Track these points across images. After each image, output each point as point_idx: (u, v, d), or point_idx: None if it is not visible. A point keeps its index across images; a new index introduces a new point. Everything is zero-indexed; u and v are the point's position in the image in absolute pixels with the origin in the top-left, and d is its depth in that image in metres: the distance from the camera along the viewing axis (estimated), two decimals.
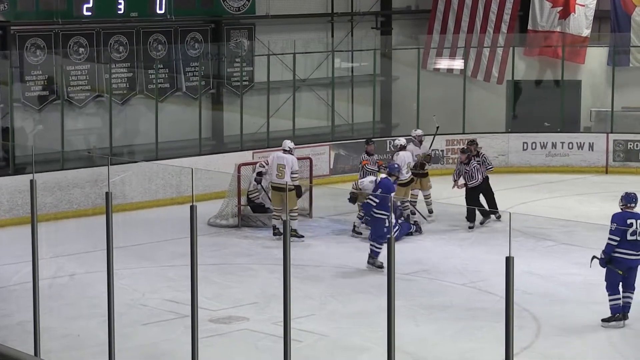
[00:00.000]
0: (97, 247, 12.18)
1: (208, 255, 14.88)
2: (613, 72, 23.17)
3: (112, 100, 20.02)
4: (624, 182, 21.25)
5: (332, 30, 23.88)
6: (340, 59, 23.77)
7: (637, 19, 23.83)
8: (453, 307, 12.76)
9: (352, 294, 13.37)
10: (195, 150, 20.47)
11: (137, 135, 20.93)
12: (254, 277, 14.27)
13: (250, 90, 22.27)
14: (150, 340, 11.52)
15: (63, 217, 17.99)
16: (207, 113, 21.79)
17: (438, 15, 24.48)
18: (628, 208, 12.06)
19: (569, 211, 18.27)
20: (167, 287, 13.58)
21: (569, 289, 13.39)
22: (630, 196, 12.15)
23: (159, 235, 16.65)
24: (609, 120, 22.87)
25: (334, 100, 22.74)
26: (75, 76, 20.15)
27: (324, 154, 21.29)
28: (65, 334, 11.68)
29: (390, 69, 24.66)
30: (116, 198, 17.51)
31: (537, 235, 16.14)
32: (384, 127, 24.32)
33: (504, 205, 18.10)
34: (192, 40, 21.70)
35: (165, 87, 21.29)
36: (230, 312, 12.49)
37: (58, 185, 18.17)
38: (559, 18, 24.09)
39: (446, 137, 21.97)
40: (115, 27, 20.56)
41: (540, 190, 20.56)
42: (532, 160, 22.73)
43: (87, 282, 13.77)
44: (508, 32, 24.01)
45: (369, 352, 11.00)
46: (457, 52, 24.32)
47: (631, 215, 11.92)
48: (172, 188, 19.41)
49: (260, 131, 21.62)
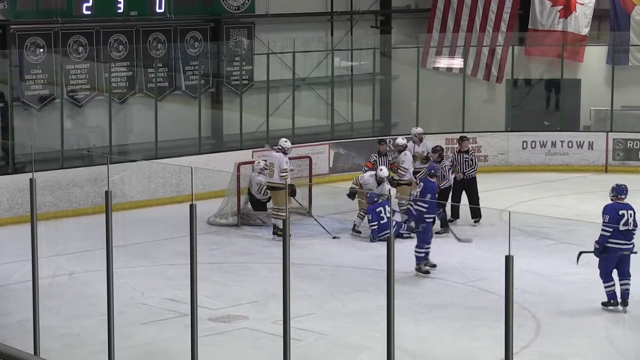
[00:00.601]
0: (97, 246, 12.16)
1: (208, 254, 14.88)
2: (613, 71, 23.18)
3: (111, 99, 20.02)
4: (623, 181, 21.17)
5: (331, 29, 23.87)
6: (339, 58, 23.77)
7: (637, 17, 23.84)
8: (452, 306, 12.76)
9: (352, 292, 13.37)
10: (194, 149, 20.47)
11: (137, 134, 20.93)
12: (253, 276, 14.27)
13: (249, 89, 22.26)
14: (150, 339, 11.52)
15: (63, 216, 17.99)
16: (207, 112, 21.79)
17: (437, 14, 24.48)
18: (619, 199, 12.58)
19: (568, 210, 18.28)
20: (166, 286, 13.57)
21: (568, 288, 13.39)
22: (621, 188, 12.68)
23: (159, 234, 16.65)
24: (609, 119, 22.87)
25: (334, 99, 22.73)
26: (75, 75, 20.14)
27: (324, 153, 21.29)
28: (64, 332, 11.68)
29: (390, 68, 24.66)
30: (116, 197, 17.50)
31: (536, 234, 16.15)
32: (383, 126, 24.32)
33: (504, 204, 18.10)
34: (192, 39, 21.69)
35: (165, 86, 21.29)
36: (230, 311, 12.48)
37: (58, 184, 18.16)
38: (560, 17, 24.11)
39: (446, 136, 21.97)
40: (114, 26, 20.55)
41: (540, 189, 20.55)
42: (531, 159, 22.73)
43: (86, 281, 13.77)
44: (507, 31, 24.01)
45: (368, 351, 10.99)
46: (456, 51, 24.32)
47: (622, 207, 12.45)
48: (172, 187, 19.41)
49: (259, 130, 21.62)
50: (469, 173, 17.46)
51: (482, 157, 22.65)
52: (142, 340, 11.40)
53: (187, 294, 8.33)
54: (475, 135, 22.65)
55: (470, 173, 17.48)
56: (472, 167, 17.52)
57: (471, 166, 17.53)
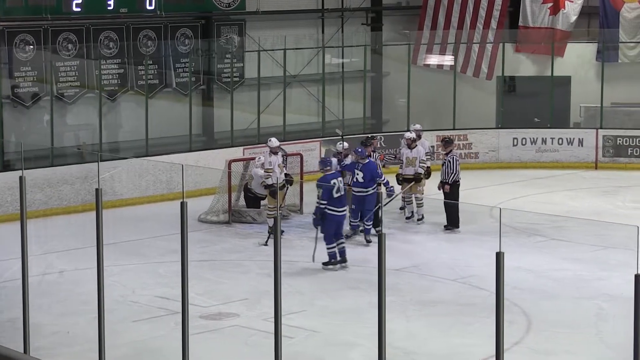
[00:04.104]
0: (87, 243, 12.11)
1: (199, 252, 14.87)
2: (602, 68, 23.22)
3: (102, 96, 19.98)
4: (613, 178, 21.37)
5: (322, 26, 23.87)
6: (330, 55, 23.76)
7: (626, 15, 23.90)
8: (443, 302, 12.77)
9: (343, 290, 13.37)
10: (185, 147, 20.44)
11: (127, 132, 20.89)
12: (244, 273, 14.26)
13: (240, 86, 22.24)
14: (141, 336, 11.50)
15: (53, 213, 17.95)
16: (198, 109, 21.76)
17: (428, 11, 24.50)
18: (327, 171, 14.43)
19: (559, 207, 18.32)
20: (157, 284, 13.56)
21: (559, 284, 13.42)
22: (325, 161, 14.73)
23: (149, 232, 16.62)
24: (599, 116, 22.91)
25: (325, 96, 22.73)
26: (64, 72, 20.09)
27: (315, 150, 21.28)
28: (55, 330, 11.65)
29: (381, 65, 24.66)
30: (106, 194, 17.47)
31: (527, 231, 16.17)
32: (374, 122, 24.33)
33: (494, 201, 18.13)
34: (182, 36, 21.66)
35: (156, 83, 21.25)
36: (221, 308, 12.48)
37: (48, 181, 18.12)
38: (550, 14, 24.16)
39: (436, 133, 21.98)
40: (104, 23, 20.51)
41: (530, 186, 20.58)
42: (522, 156, 22.77)
43: (77, 278, 13.74)
44: (497, 28, 24.05)
45: (359, 347, 10.99)
46: (447, 48, 24.34)
47: (332, 176, 14.27)
48: (163, 184, 19.38)
49: (250, 127, 21.60)
50: (449, 178, 16.60)
51: (473, 154, 22.69)
52: (133, 338, 11.38)
53: (178, 291, 8.32)
54: (466, 132, 22.69)
55: (450, 178, 16.61)
56: (452, 172, 16.59)
57: (452, 171, 16.61)
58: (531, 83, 24.26)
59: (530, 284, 13.32)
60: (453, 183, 16.58)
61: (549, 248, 15.43)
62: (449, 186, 16.56)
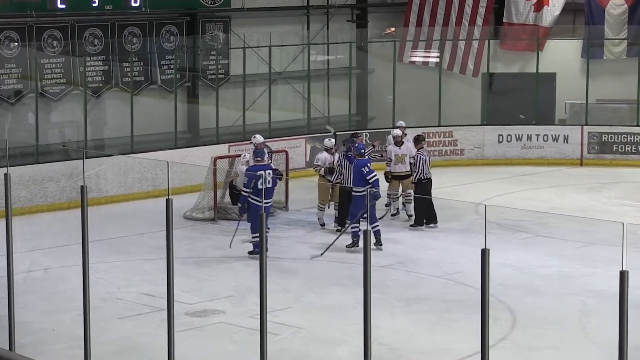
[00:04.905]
0: (72, 240, 12.11)
1: (184, 249, 14.84)
2: (587, 64, 23.29)
3: (87, 93, 19.92)
4: (598, 174, 21.45)
5: (307, 23, 23.85)
6: (316, 52, 23.75)
7: (611, 11, 23.97)
8: (429, 299, 12.79)
9: (328, 286, 13.37)
10: (170, 144, 20.40)
11: (112, 129, 20.84)
12: (229, 270, 14.25)
13: (226, 83, 22.21)
14: (126, 333, 11.48)
15: (38, 210, 17.90)
16: (183, 106, 21.72)
17: (414, 8, 24.52)
18: (257, 162, 14.74)
19: (544, 203, 18.36)
20: (142, 281, 13.53)
21: (544, 281, 13.45)
22: (257, 152, 14.91)
23: (135, 229, 16.59)
24: (584, 113, 22.98)
25: (310, 93, 22.72)
26: (49, 69, 20.03)
27: (300, 147, 21.28)
28: (40, 328, 11.62)
29: (366, 62, 24.67)
30: (91, 192, 17.43)
31: (512, 228, 16.20)
32: (359, 119, 24.33)
33: (480, 198, 18.16)
34: (167, 33, 21.62)
35: (141, 80, 21.20)
36: (206, 305, 12.46)
37: (33, 179, 18.06)
38: (534, 11, 24.22)
39: (422, 130, 21.95)
40: (89, 20, 20.45)
41: (516, 183, 20.63)
42: (507, 153, 22.81)
43: (62, 276, 13.70)
44: (483, 25, 24.09)
45: (345, 344, 11.00)
46: (432, 45, 24.38)
47: (260, 168, 14.61)
48: (148, 181, 19.35)
49: (236, 124, 21.58)
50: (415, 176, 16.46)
51: (458, 150, 22.73)
52: (119, 335, 11.36)
53: (163, 288, 8.30)
54: (451, 129, 22.73)
55: (415, 176, 16.46)
56: (419, 170, 16.37)
57: (418, 169, 16.39)
58: (516, 80, 24.31)
59: (515, 281, 13.35)
60: (418, 181, 16.50)
61: (534, 244, 15.47)
62: (414, 185, 16.53)
